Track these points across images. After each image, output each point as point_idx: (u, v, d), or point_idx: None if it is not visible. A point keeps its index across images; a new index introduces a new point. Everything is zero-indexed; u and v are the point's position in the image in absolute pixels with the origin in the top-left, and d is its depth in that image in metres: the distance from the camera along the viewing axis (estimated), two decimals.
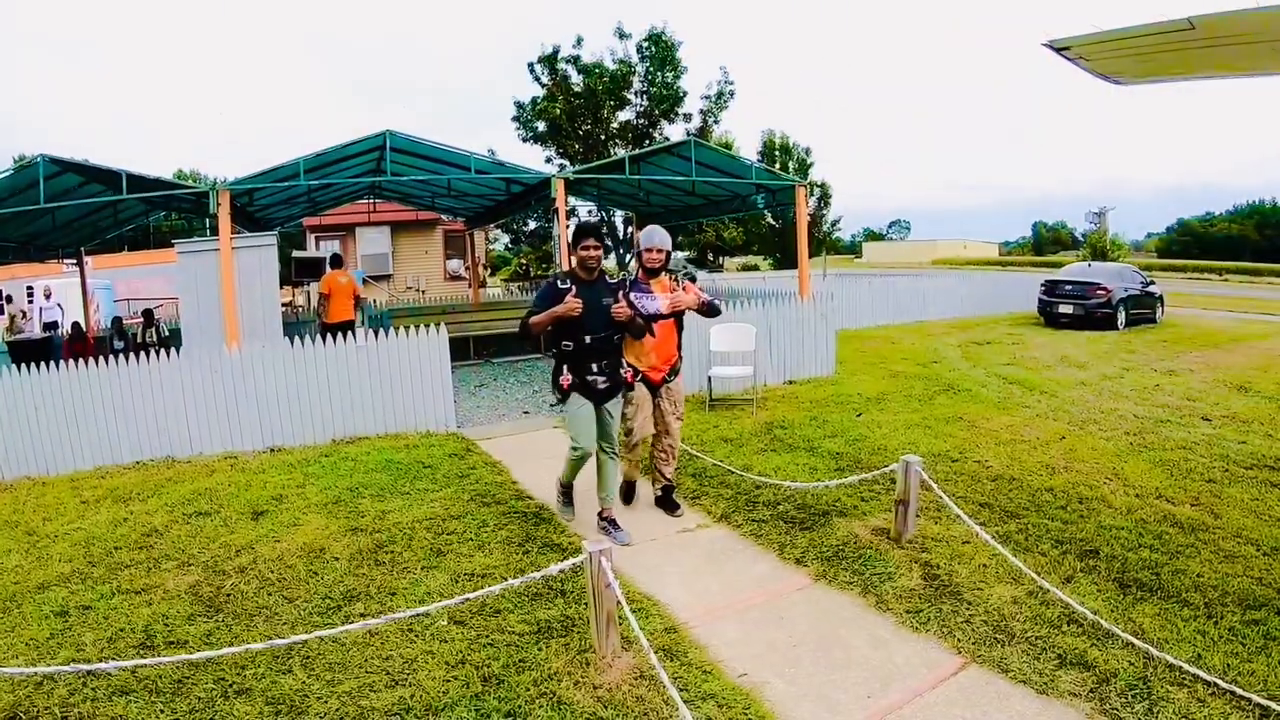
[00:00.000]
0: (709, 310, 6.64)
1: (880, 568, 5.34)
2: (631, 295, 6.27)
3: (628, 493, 7.03)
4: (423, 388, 9.76)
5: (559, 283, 5.98)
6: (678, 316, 6.59)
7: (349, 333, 9.71)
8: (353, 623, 4.49)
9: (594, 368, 5.98)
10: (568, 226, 10.67)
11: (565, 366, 6.02)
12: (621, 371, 6.22)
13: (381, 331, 9.72)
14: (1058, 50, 5.04)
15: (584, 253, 5.94)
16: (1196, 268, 58.00)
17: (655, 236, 6.56)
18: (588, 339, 5.90)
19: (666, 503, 6.80)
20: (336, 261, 14.15)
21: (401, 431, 9.57)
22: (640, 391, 6.46)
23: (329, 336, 9.60)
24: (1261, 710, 3.66)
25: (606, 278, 6.20)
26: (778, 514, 6.43)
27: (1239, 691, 3.79)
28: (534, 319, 5.88)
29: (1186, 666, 3.99)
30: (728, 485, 7.16)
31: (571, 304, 5.68)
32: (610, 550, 4.12)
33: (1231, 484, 7.06)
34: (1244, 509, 6.42)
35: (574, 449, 6.13)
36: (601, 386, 6.03)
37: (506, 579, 4.58)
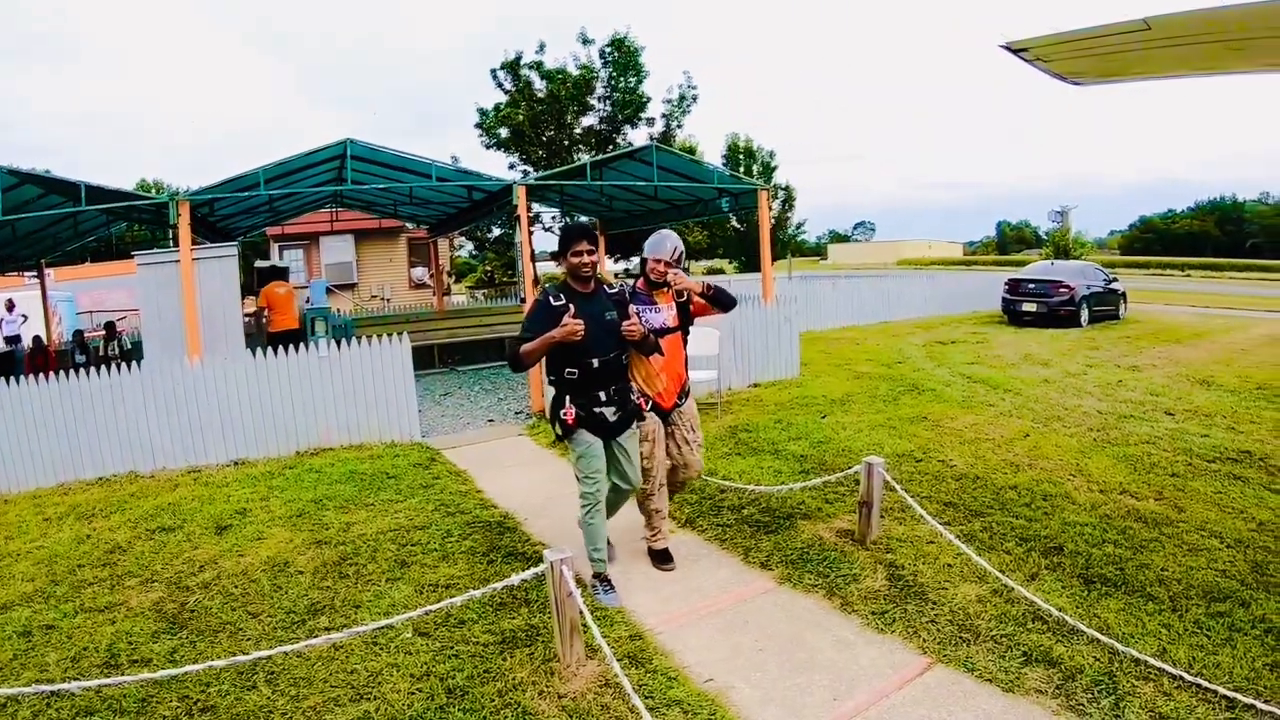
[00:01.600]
0: (719, 298, 5.72)
1: (845, 570, 5.35)
2: (632, 308, 5.33)
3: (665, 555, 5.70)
4: (386, 398, 9.69)
5: (552, 299, 5.03)
6: (684, 328, 5.76)
7: (296, 342, 9.65)
8: (317, 637, 4.45)
9: (602, 396, 5.09)
10: (532, 233, 10.63)
11: (568, 397, 5.09)
12: (633, 398, 5.35)
13: (344, 341, 9.65)
14: (1015, 52, 5.08)
15: (575, 259, 5.02)
16: (1160, 264, 58.75)
17: (667, 243, 5.62)
18: (595, 362, 5.01)
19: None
20: (275, 273, 14.49)
21: (366, 442, 9.50)
22: (651, 421, 5.56)
23: (278, 348, 9.50)
24: (1228, 702, 3.70)
25: (605, 287, 5.28)
26: (742, 518, 6.43)
27: (1205, 684, 3.82)
28: (525, 347, 4.91)
29: (1152, 661, 4.02)
30: (692, 490, 7.11)
31: (571, 326, 4.79)
32: (571, 559, 4.11)
33: (1195, 478, 7.14)
34: (1207, 502, 6.50)
35: (585, 494, 5.15)
36: (612, 418, 5.14)
37: (471, 589, 4.55)
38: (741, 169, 42.79)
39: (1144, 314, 22.65)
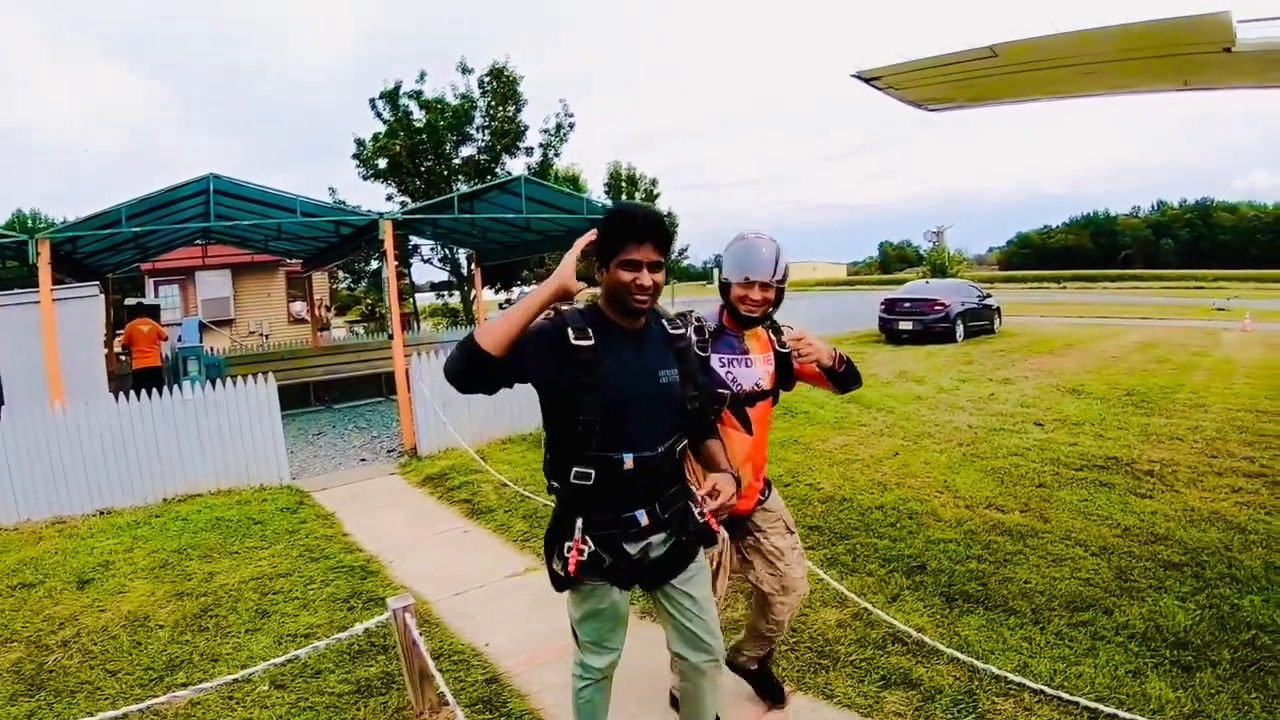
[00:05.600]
0: (846, 378, 3.66)
1: None
2: (714, 359, 3.46)
3: None
4: (253, 440, 9.40)
5: (571, 330, 2.73)
6: (778, 393, 3.74)
7: (158, 381, 9.40)
8: (175, 692, 4.29)
9: (639, 519, 2.80)
10: (410, 265, 10.51)
11: (579, 520, 2.79)
12: (697, 514, 2.92)
13: (210, 382, 9.38)
14: (867, 81, 5.20)
15: (628, 276, 2.70)
16: (1037, 277, 61.12)
17: (763, 250, 3.51)
18: (627, 460, 2.71)
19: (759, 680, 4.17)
20: (143, 310, 14.52)
21: (234, 487, 9.18)
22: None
23: (140, 390, 9.17)
24: (1090, 713, 3.75)
25: (665, 324, 2.98)
26: None
27: (1066, 696, 3.87)
28: (480, 334, 2.58)
29: (1012, 676, 4.06)
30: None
31: (568, 280, 2.68)
32: (413, 605, 4.03)
33: (1061, 487, 7.32)
34: (1073, 511, 6.66)
35: (582, 674, 3.23)
36: (659, 551, 2.91)
37: (328, 638, 4.46)
38: (624, 196, 42.91)
39: (1018, 327, 23.46)
